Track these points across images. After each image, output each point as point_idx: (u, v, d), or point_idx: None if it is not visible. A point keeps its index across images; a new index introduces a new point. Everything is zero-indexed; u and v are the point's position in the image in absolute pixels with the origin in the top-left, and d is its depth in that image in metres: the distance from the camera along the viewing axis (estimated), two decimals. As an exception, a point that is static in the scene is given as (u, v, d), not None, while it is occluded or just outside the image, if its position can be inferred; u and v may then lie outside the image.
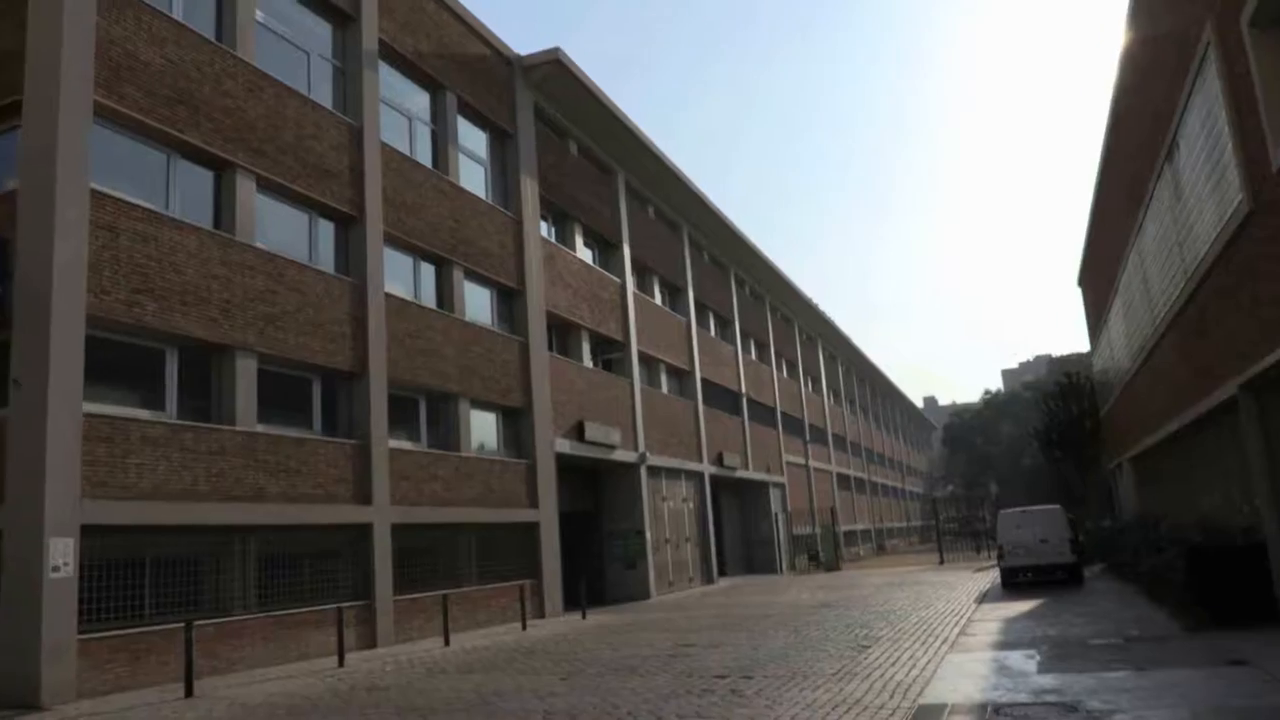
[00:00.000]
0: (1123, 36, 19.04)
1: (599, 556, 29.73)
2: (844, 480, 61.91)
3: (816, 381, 59.80)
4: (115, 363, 14.01)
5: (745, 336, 45.13)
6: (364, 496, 17.96)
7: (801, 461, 51.25)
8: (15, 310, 13.02)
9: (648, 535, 29.50)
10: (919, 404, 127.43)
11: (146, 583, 13.86)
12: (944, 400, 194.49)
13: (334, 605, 16.28)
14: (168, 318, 14.50)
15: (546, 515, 24.12)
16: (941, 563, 39.91)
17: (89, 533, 12.80)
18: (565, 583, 24.62)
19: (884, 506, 76.22)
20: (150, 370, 14.70)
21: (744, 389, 42.80)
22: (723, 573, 38.46)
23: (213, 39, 16.29)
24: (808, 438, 53.06)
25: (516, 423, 24.08)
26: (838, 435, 62.41)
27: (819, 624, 17.73)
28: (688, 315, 36.90)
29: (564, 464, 25.97)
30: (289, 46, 18.35)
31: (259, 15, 17.46)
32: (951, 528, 50.00)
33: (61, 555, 12.33)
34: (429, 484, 19.99)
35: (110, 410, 13.62)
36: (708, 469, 36.18)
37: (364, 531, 17.97)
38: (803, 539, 47.23)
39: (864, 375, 76.96)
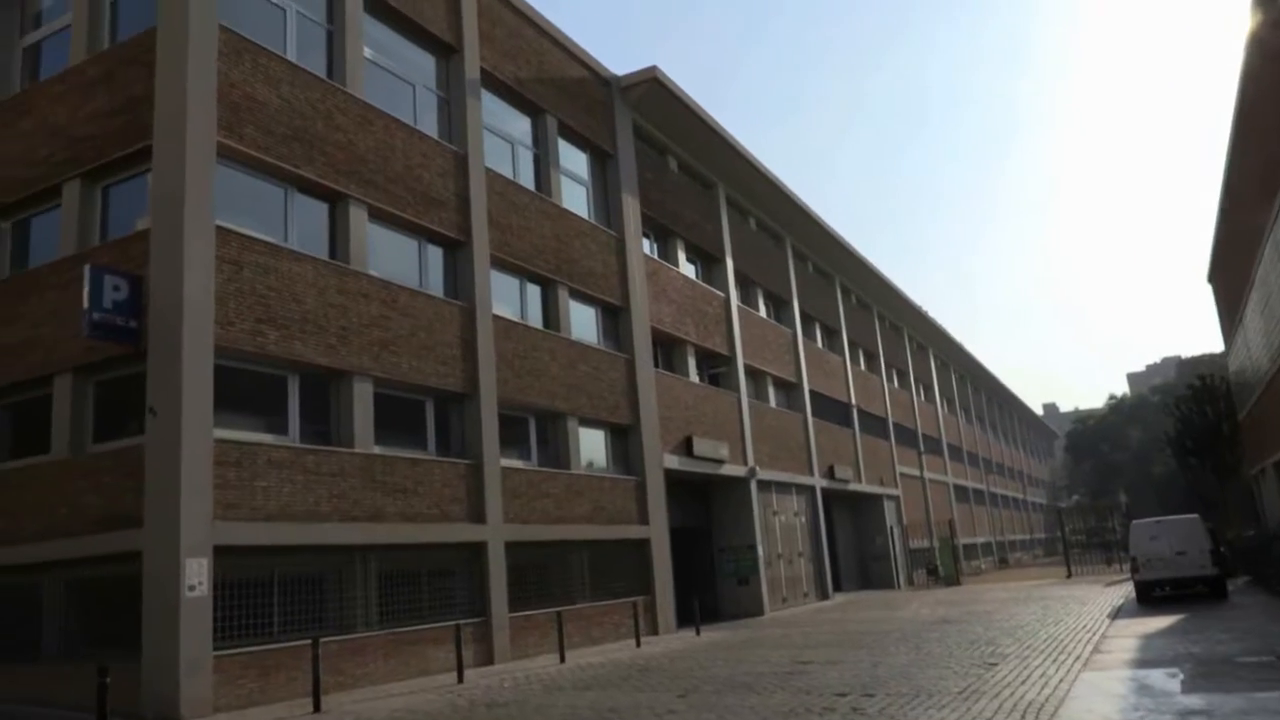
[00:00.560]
0: (1248, 20, 18.04)
1: (711, 572, 29.53)
2: (961, 492, 60.07)
3: (929, 390, 58.30)
4: (241, 390, 14.62)
5: (853, 346, 44.34)
6: (477, 515, 18.27)
7: (916, 473, 49.96)
8: (150, 343, 13.72)
9: (760, 550, 29.16)
10: (1038, 411, 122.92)
11: (275, 601, 14.37)
12: (1065, 407, 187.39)
13: (452, 622, 16.56)
14: (289, 345, 15.07)
15: (657, 531, 24.09)
16: (1069, 576, 38.26)
17: (221, 553, 13.35)
18: (678, 599, 24.52)
19: (1005, 518, 73.63)
20: (274, 396, 15.30)
21: (854, 400, 42.02)
22: (838, 588, 37.71)
23: (324, 77, 16.93)
24: (922, 448, 51.71)
25: (625, 439, 24.16)
26: (953, 445, 60.65)
27: (941, 640, 17.17)
28: (793, 327, 36.48)
29: (673, 479, 25.92)
30: (395, 80, 18.94)
31: (367, 52, 18.09)
32: (1079, 539, 47.87)
33: (196, 575, 12.88)
34: (540, 502, 20.21)
35: (238, 435, 14.21)
36: (819, 482, 35.59)
37: (478, 549, 18.27)
38: (920, 553, 45.95)
39: (978, 382, 74.70)
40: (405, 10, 18.96)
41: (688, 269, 29.69)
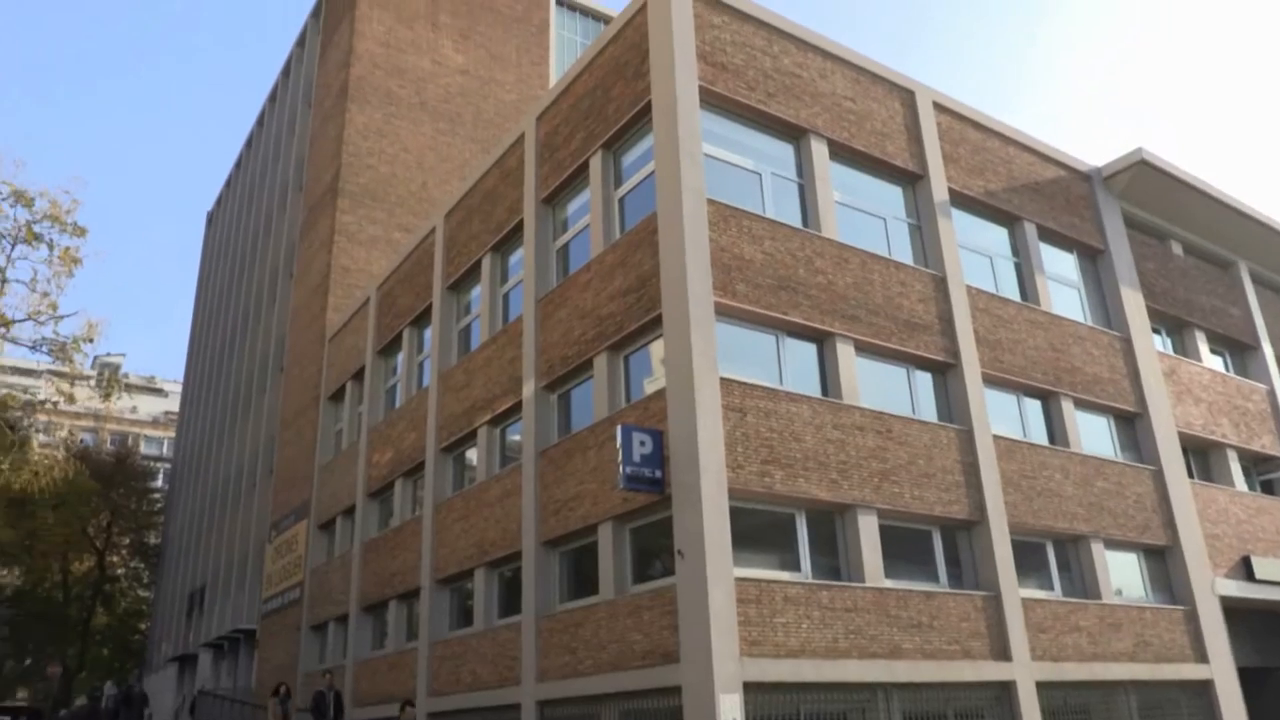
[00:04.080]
0: None
1: (1301, 723, 24.28)
2: None
3: None
4: (753, 529, 15.39)
5: None
6: (1001, 651, 17.02)
7: None
8: (672, 489, 15.08)
9: (1368, 696, 23.44)
10: None
11: (803, 739, 14.48)
12: None
13: (986, 771, 15.38)
14: (793, 484, 15.64)
15: (1221, 671, 20.49)
16: None
17: (750, 689, 13.85)
18: (1261, 755, 20.44)
19: None
20: (783, 533, 15.86)
21: None
22: None
23: (800, 226, 17.95)
24: None
25: (1162, 562, 21.23)
26: None
27: None
28: (1369, 415, 29.88)
29: (1233, 608, 22.06)
30: (866, 216, 19.48)
31: (837, 196, 18.89)
32: None
33: (730, 711, 13.45)
34: (1070, 636, 18.31)
35: (755, 574, 14.87)
36: None
37: (1005, 690, 16.92)
38: None
39: None
40: (870, 150, 19.60)
41: (1213, 361, 25.99)
